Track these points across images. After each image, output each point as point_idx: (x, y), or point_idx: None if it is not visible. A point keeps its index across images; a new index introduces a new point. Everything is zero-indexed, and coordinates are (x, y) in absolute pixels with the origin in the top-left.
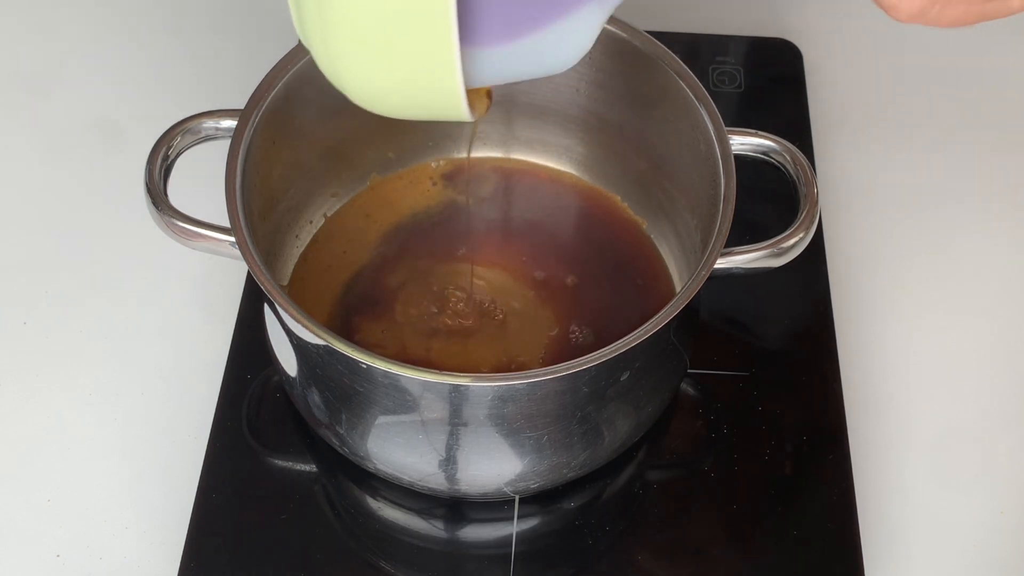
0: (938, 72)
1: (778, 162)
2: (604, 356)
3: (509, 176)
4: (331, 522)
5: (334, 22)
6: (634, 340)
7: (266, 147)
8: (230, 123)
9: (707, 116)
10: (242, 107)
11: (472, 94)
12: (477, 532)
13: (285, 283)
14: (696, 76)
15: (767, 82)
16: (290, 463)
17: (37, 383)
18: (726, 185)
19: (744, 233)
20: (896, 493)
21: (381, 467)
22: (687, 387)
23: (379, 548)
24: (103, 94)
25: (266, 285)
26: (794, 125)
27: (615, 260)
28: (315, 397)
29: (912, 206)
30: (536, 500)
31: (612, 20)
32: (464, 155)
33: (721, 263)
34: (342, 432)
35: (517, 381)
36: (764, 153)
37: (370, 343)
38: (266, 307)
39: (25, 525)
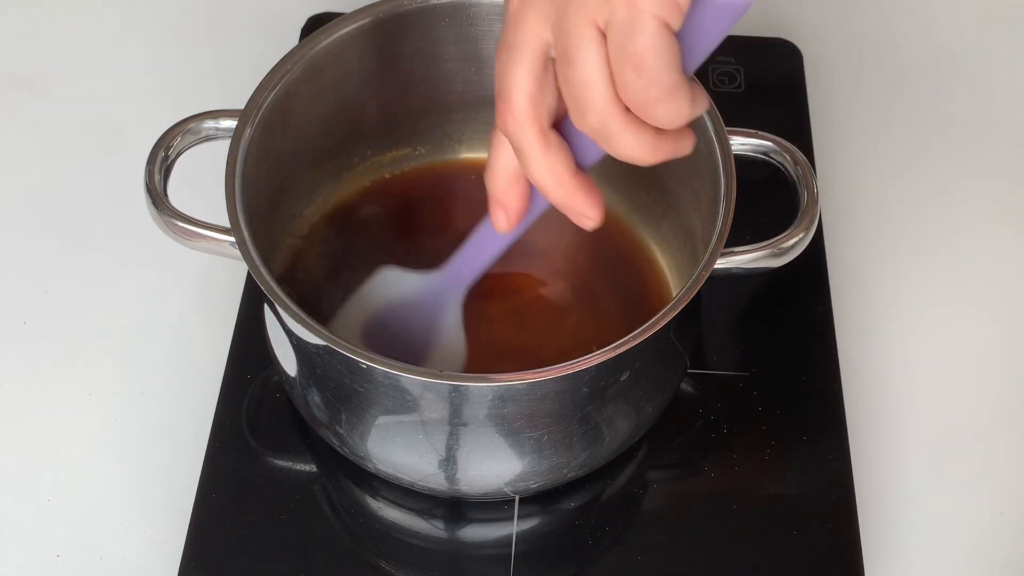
0: (938, 72)
1: (778, 162)
2: (604, 356)
3: None
4: (331, 522)
5: None
6: (634, 340)
7: (266, 147)
8: (230, 123)
9: (707, 116)
10: (242, 107)
11: None
12: (477, 532)
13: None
14: (696, 75)
15: (767, 82)
16: (290, 463)
17: (37, 383)
18: (726, 185)
19: (744, 233)
20: (896, 493)
21: (381, 467)
22: (687, 387)
23: (379, 548)
24: (103, 94)
25: (266, 285)
26: (794, 125)
27: (614, 260)
28: (315, 397)
29: (912, 206)
30: (536, 500)
31: None
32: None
33: (721, 263)
34: (342, 432)
35: (517, 381)
36: (764, 153)
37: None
38: (266, 307)
39: (25, 525)
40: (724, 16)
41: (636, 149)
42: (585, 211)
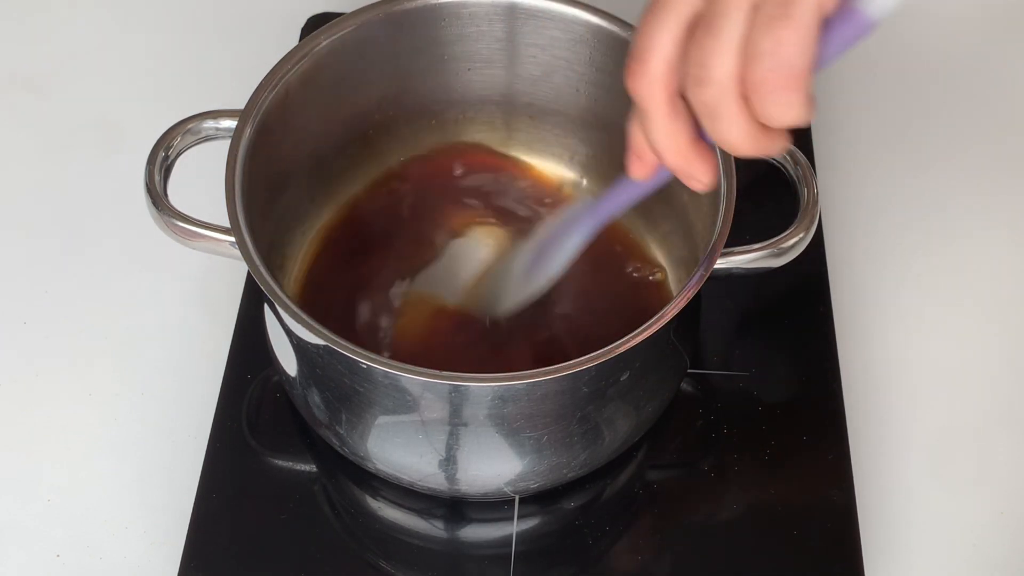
0: (938, 72)
1: (778, 162)
2: (604, 356)
3: (509, 176)
4: (331, 522)
5: None
6: (634, 340)
7: (266, 147)
8: (230, 123)
9: None
10: (242, 107)
11: None
12: (477, 532)
13: (285, 283)
14: None
15: None
16: (290, 463)
17: (37, 383)
18: (726, 185)
19: (744, 233)
20: (896, 493)
21: (381, 467)
22: (687, 387)
23: (379, 548)
24: (103, 94)
25: (266, 285)
26: None
27: (615, 260)
28: (315, 397)
29: (912, 205)
30: (536, 500)
31: (611, 19)
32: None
33: (721, 263)
34: (342, 432)
35: (517, 381)
36: None
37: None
38: (266, 307)
39: (25, 525)
40: (857, 26)
41: (736, 135)
42: (698, 176)
